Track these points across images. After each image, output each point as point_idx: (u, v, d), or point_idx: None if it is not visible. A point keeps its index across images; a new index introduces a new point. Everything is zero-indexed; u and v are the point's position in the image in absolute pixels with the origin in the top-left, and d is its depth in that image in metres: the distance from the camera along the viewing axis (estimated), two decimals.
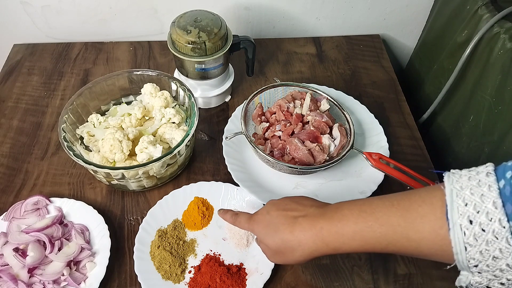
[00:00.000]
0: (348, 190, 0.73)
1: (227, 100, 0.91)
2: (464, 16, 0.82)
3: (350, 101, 0.86)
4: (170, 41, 0.79)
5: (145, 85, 0.79)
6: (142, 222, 0.68)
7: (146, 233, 0.68)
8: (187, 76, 0.83)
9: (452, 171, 0.42)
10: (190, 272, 0.65)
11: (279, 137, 0.75)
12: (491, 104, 0.75)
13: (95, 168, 0.64)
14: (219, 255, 0.67)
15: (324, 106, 0.79)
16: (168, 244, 0.67)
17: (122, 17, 0.99)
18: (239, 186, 0.72)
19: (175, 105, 0.80)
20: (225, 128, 0.80)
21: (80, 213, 0.70)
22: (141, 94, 0.80)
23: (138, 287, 0.63)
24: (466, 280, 0.41)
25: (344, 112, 0.78)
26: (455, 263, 0.40)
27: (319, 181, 0.75)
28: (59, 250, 0.65)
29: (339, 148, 0.73)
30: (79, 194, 0.75)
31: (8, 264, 0.63)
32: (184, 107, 0.79)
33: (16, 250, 0.64)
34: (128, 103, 0.82)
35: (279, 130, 0.75)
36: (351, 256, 0.68)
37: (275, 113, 0.78)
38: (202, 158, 0.80)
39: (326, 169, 0.72)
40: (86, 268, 0.64)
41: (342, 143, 0.73)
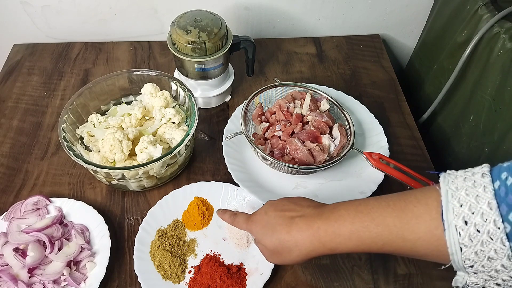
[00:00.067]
0: (348, 190, 0.73)
1: (227, 100, 0.91)
2: (464, 16, 0.82)
3: (350, 101, 0.86)
4: (170, 41, 0.79)
5: (145, 85, 0.79)
6: (142, 222, 0.68)
7: (146, 233, 0.68)
8: (187, 76, 0.83)
9: (448, 172, 0.43)
10: (190, 272, 0.65)
11: (279, 137, 0.75)
12: (491, 104, 0.75)
13: (95, 168, 0.65)
14: (219, 255, 0.67)
15: (324, 106, 0.79)
16: (168, 244, 0.67)
17: (122, 17, 0.99)
18: (239, 186, 0.72)
19: (175, 105, 0.80)
20: (225, 128, 0.80)
21: (80, 213, 0.70)
22: (141, 94, 0.80)
23: (138, 287, 0.63)
24: (463, 281, 0.41)
25: (344, 112, 0.77)
26: (450, 263, 0.40)
27: (319, 181, 0.75)
28: (59, 250, 0.65)
29: (339, 148, 0.73)
30: (79, 194, 0.75)
31: (8, 264, 0.63)
32: (184, 107, 0.79)
33: (16, 250, 0.64)
34: (128, 103, 0.82)
35: (279, 130, 0.75)
36: (351, 256, 0.68)
37: (275, 113, 0.78)
38: (202, 158, 0.80)
39: (326, 169, 0.72)
40: (86, 268, 0.64)
41: (342, 143, 0.73)
